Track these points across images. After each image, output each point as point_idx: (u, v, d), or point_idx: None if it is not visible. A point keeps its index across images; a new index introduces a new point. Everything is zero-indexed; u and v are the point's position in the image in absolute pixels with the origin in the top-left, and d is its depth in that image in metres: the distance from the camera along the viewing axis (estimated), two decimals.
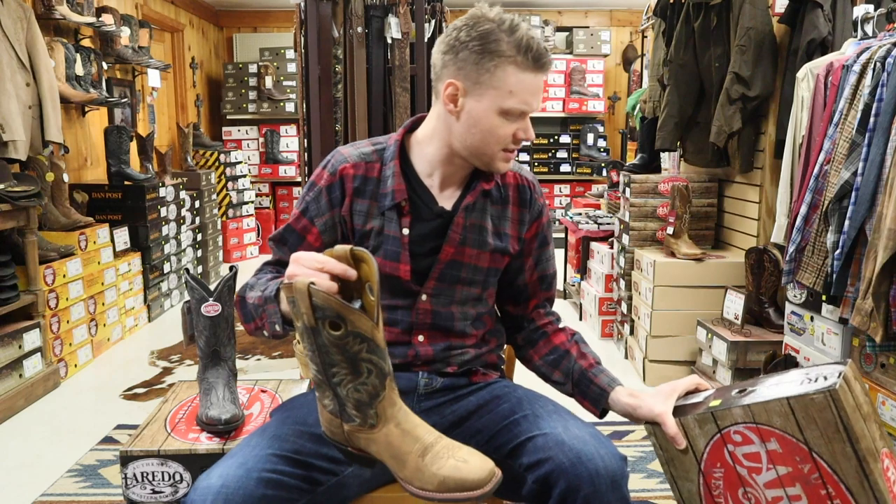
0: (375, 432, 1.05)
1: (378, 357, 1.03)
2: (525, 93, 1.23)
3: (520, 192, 1.40)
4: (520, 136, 1.26)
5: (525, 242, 1.42)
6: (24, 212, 3.00)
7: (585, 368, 1.37)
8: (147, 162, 4.51)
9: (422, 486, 1.05)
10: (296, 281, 0.99)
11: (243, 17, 6.90)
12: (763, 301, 2.92)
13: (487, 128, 1.25)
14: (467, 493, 1.04)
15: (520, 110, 1.24)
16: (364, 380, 1.03)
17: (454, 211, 1.33)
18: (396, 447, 1.05)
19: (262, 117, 6.47)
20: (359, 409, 1.04)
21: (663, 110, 3.41)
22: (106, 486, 2.29)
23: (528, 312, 1.47)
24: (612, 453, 1.17)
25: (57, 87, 3.47)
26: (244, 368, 3.42)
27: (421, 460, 1.05)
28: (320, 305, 0.98)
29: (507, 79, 1.22)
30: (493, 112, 1.24)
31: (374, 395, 1.04)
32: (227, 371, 1.64)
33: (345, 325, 0.99)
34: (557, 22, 6.89)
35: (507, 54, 1.21)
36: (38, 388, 3.05)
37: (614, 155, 6.83)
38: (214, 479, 1.10)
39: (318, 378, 1.05)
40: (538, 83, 1.25)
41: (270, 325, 1.20)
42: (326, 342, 1.01)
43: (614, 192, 4.35)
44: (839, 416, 1.06)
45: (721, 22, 3.05)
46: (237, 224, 6.02)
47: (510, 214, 1.39)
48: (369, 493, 1.29)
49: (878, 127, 2.01)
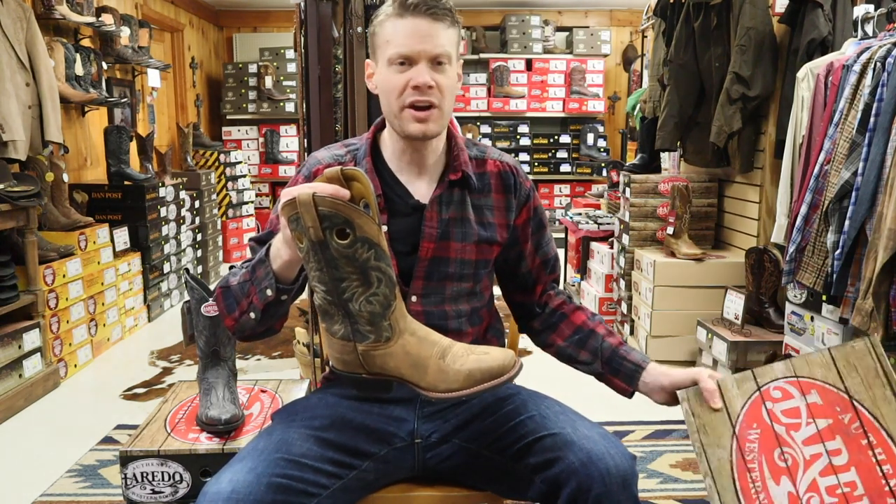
0: (392, 345, 1.05)
1: (385, 265, 1.03)
2: (400, 36, 1.23)
3: (502, 179, 1.38)
4: (412, 82, 1.23)
5: (518, 229, 1.39)
6: (24, 212, 3.00)
7: (616, 346, 1.35)
8: (147, 162, 4.51)
9: (448, 388, 1.05)
10: (299, 194, 0.98)
11: (243, 17, 6.90)
12: (763, 301, 2.92)
13: (384, 86, 1.27)
14: (495, 380, 1.05)
15: (398, 53, 1.23)
16: (375, 290, 1.02)
17: (427, 206, 1.32)
18: (415, 355, 1.05)
19: (262, 117, 6.47)
20: (372, 324, 1.03)
21: (663, 110, 3.41)
22: (106, 486, 2.29)
23: (538, 298, 1.44)
24: (622, 452, 1.18)
25: (57, 87, 3.47)
26: (244, 368, 3.42)
27: (442, 362, 1.06)
28: (327, 213, 0.97)
29: (384, 33, 1.25)
30: (384, 70, 1.26)
31: (387, 306, 1.04)
32: (227, 371, 1.64)
33: (352, 230, 0.99)
34: (557, 22, 6.89)
35: (383, 13, 1.26)
36: (38, 388, 3.05)
37: (614, 155, 6.83)
38: (224, 485, 1.09)
39: (327, 301, 1.04)
40: (414, 26, 1.23)
41: (261, 293, 1.18)
42: (335, 254, 1.00)
43: (614, 192, 4.35)
44: (879, 361, 1.10)
45: (721, 22, 3.05)
46: (237, 224, 6.02)
47: (493, 202, 1.36)
48: (371, 494, 1.29)
49: (878, 127, 2.01)
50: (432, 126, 1.26)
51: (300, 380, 1.89)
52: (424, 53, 1.23)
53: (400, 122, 1.26)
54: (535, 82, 6.60)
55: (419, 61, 1.23)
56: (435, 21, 1.23)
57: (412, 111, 1.24)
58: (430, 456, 1.32)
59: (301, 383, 1.84)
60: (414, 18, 1.22)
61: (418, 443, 1.31)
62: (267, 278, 1.17)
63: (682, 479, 2.33)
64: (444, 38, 1.24)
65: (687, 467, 2.42)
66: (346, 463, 1.21)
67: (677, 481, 2.32)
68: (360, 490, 1.25)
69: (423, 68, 1.23)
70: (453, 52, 1.27)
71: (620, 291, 3.67)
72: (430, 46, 1.23)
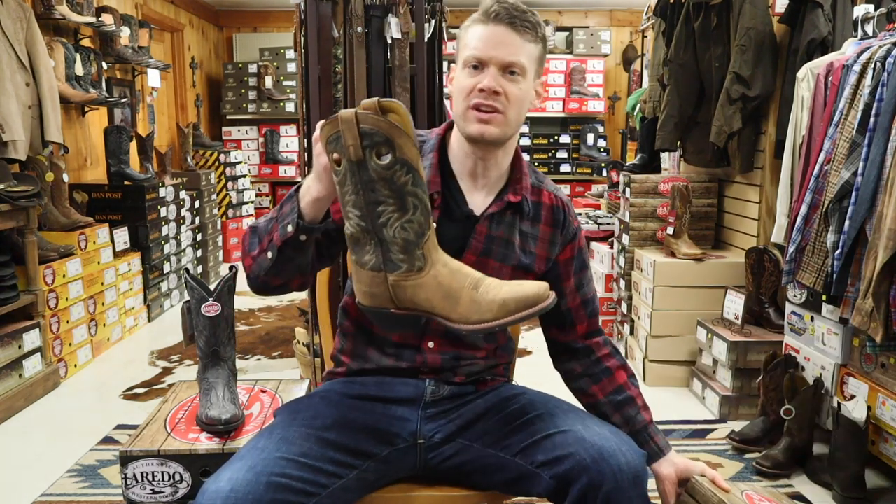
0: (424, 276, 1.04)
1: (422, 191, 1.02)
2: (476, 40, 1.26)
3: (553, 213, 1.39)
4: (479, 85, 1.25)
5: (560, 265, 1.40)
6: (24, 212, 3.00)
7: (647, 423, 1.38)
8: (147, 162, 4.51)
9: (480, 318, 1.03)
10: (341, 112, 0.98)
11: (243, 17, 6.90)
12: (763, 301, 2.92)
13: (456, 87, 1.30)
14: (529, 309, 1.03)
15: (472, 56, 1.26)
16: (411, 216, 1.01)
17: (479, 218, 1.33)
18: (447, 286, 1.04)
19: (262, 117, 6.47)
20: (406, 252, 1.02)
21: (663, 110, 3.41)
22: (106, 486, 2.29)
23: (579, 338, 1.44)
24: (634, 450, 1.19)
25: (57, 87, 3.47)
26: (244, 368, 3.42)
27: (475, 292, 1.04)
28: (368, 130, 0.97)
29: (466, 37, 1.29)
30: (459, 72, 1.29)
31: (421, 234, 1.03)
32: (227, 371, 1.64)
33: (392, 151, 0.98)
34: (557, 22, 6.89)
35: (472, 19, 1.29)
36: (38, 388, 3.05)
37: (614, 155, 6.83)
38: (223, 483, 1.09)
39: (360, 227, 1.04)
40: (492, 32, 1.25)
41: (282, 228, 1.18)
42: (374, 175, 0.99)
43: (614, 192, 4.34)
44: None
45: (721, 22, 3.05)
46: (237, 224, 6.02)
47: (540, 233, 1.37)
48: (371, 494, 1.29)
49: (878, 127, 2.01)
50: (492, 129, 1.26)
51: (300, 380, 1.89)
52: (496, 59, 1.24)
53: (464, 121, 1.28)
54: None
55: (490, 66, 1.25)
56: (514, 31, 1.25)
57: (475, 112, 1.26)
58: (432, 456, 1.32)
59: (301, 383, 1.84)
60: (495, 26, 1.25)
61: (421, 443, 1.31)
62: (291, 213, 1.17)
63: None
64: (520, 49, 1.26)
65: None
66: (347, 463, 1.21)
67: None
68: (360, 490, 1.25)
69: (493, 73, 1.25)
70: (529, 66, 1.27)
71: (620, 291, 3.67)
72: (503, 54, 1.24)
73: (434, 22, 2.69)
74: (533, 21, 1.27)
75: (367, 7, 2.57)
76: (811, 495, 2.24)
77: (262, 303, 4.65)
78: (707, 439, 2.64)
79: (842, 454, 2.16)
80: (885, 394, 2.13)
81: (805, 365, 2.51)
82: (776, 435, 2.51)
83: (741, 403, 2.81)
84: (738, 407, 2.81)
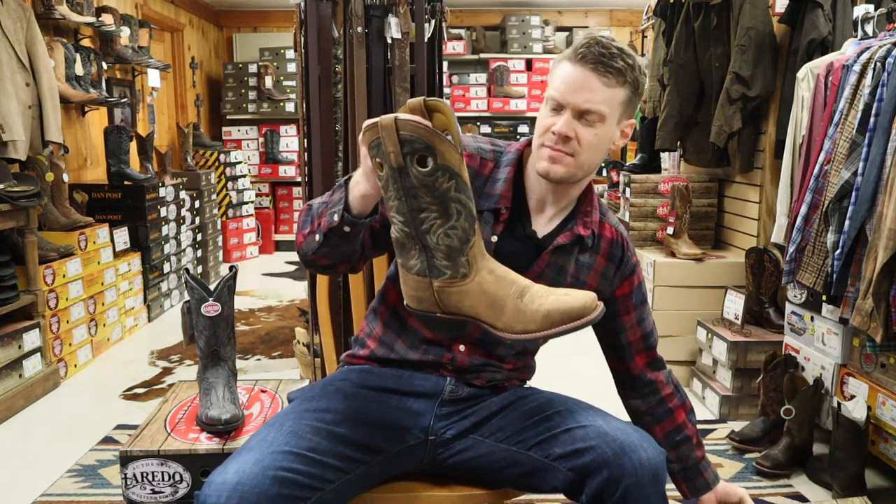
0: (468, 282, 1.02)
1: (466, 197, 1.00)
2: (558, 81, 1.25)
3: (612, 246, 1.40)
4: (553, 128, 1.25)
5: (619, 301, 1.42)
6: (24, 212, 3.00)
7: (699, 460, 1.46)
8: (147, 162, 4.51)
9: (524, 328, 1.02)
10: (381, 118, 0.97)
11: (243, 17, 6.90)
12: (763, 301, 2.92)
13: (538, 121, 1.30)
14: (575, 322, 1.01)
15: (552, 97, 1.26)
16: (454, 223, 1.00)
17: (544, 245, 1.33)
18: (492, 293, 1.02)
19: (262, 117, 6.46)
20: (450, 258, 1.01)
21: (663, 110, 3.41)
22: (106, 486, 2.29)
23: (640, 370, 1.47)
24: (655, 447, 1.20)
25: (57, 87, 3.47)
26: (244, 368, 3.42)
27: (520, 301, 1.02)
28: (408, 137, 0.95)
29: (555, 72, 1.28)
30: (543, 106, 1.29)
31: (465, 241, 1.01)
32: (226, 371, 1.64)
33: (434, 157, 0.96)
34: (557, 22, 6.89)
35: (566, 53, 1.27)
36: (38, 388, 3.05)
37: (614, 155, 6.82)
38: (230, 475, 1.09)
39: (404, 233, 1.03)
40: (576, 75, 1.23)
41: (329, 216, 1.18)
42: (415, 181, 0.97)
43: (614, 192, 4.34)
44: None
45: (721, 22, 3.05)
46: (237, 224, 6.02)
47: (596, 265, 1.38)
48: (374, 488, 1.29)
49: (878, 127, 2.01)
50: (559, 169, 1.27)
51: (300, 380, 1.89)
52: (573, 105, 1.24)
53: (536, 155, 1.29)
54: (535, 82, 6.60)
55: (567, 110, 1.24)
56: (597, 76, 1.23)
57: (546, 149, 1.26)
58: (442, 451, 1.32)
59: (301, 383, 1.84)
60: (582, 68, 1.23)
61: (432, 439, 1.31)
62: (339, 203, 1.17)
63: None
64: (600, 95, 1.24)
65: None
66: (356, 458, 1.22)
67: None
68: (363, 484, 1.26)
69: (569, 118, 1.24)
70: (609, 112, 1.26)
71: None
72: (580, 100, 1.23)
73: (434, 22, 2.69)
74: (621, 66, 1.24)
75: (367, 7, 2.57)
76: (811, 495, 2.24)
77: (262, 303, 4.65)
78: (707, 439, 2.64)
79: (842, 454, 2.16)
80: (885, 394, 2.13)
81: (805, 365, 2.51)
82: (776, 435, 2.51)
83: (741, 403, 2.81)
84: (738, 407, 2.81)
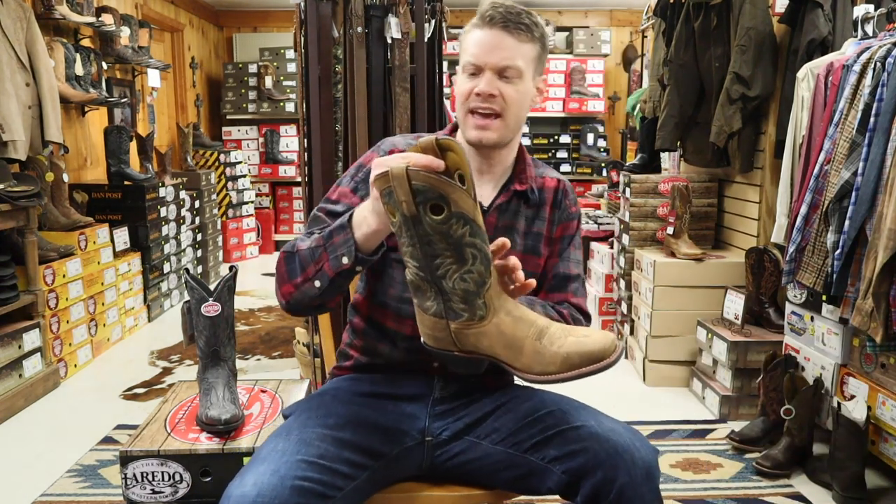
0: (486, 324, 1.02)
1: (481, 241, 1.00)
2: (473, 46, 1.29)
3: (556, 195, 1.43)
4: (476, 89, 1.28)
5: (552, 242, 1.43)
6: (24, 212, 3.00)
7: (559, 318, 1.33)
8: (147, 162, 4.51)
9: (543, 370, 1.01)
10: (392, 167, 0.95)
11: (243, 17, 6.90)
12: (763, 301, 2.92)
13: (457, 91, 1.33)
14: (594, 365, 1.01)
15: (468, 62, 1.29)
16: (470, 267, 1.00)
17: (487, 210, 1.36)
18: (510, 335, 1.02)
19: (262, 117, 6.47)
20: (466, 302, 1.01)
21: (663, 110, 3.41)
22: (106, 486, 2.29)
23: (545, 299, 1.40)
24: (647, 446, 1.21)
25: (57, 87, 3.47)
26: (244, 368, 3.42)
27: (538, 343, 1.02)
28: (420, 187, 0.94)
29: (465, 41, 1.32)
30: (460, 76, 1.33)
31: (481, 284, 1.01)
32: (227, 371, 1.64)
33: (447, 206, 0.96)
34: (557, 22, 6.89)
35: (471, 23, 1.32)
36: (38, 388, 3.05)
37: (614, 155, 6.83)
38: (249, 488, 1.09)
39: (419, 276, 1.02)
40: (488, 37, 1.28)
41: (334, 259, 1.16)
42: (429, 229, 0.97)
43: (614, 192, 4.35)
44: None
45: (721, 22, 3.05)
46: (237, 224, 6.02)
47: (546, 215, 1.41)
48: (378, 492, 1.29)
49: (878, 127, 2.01)
50: (490, 134, 1.30)
51: (300, 380, 1.89)
52: (492, 64, 1.28)
53: (464, 126, 1.33)
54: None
55: (486, 71, 1.28)
56: (509, 34, 1.27)
57: (473, 117, 1.29)
58: (439, 453, 1.32)
59: (301, 383, 1.84)
60: (491, 30, 1.28)
61: (429, 440, 1.32)
62: (345, 245, 1.15)
63: (682, 479, 2.34)
64: (515, 52, 1.28)
65: (687, 467, 2.42)
66: (361, 463, 1.22)
67: (677, 481, 2.32)
68: (369, 490, 1.26)
69: (489, 77, 1.28)
70: (525, 67, 1.30)
71: (620, 291, 3.67)
72: (497, 58, 1.27)
73: (434, 22, 2.69)
74: (528, 22, 1.29)
75: (367, 7, 2.57)
76: (811, 495, 2.24)
77: (262, 303, 4.65)
78: (707, 439, 2.64)
79: (842, 454, 2.16)
80: (885, 394, 2.13)
81: (805, 365, 2.52)
82: (776, 435, 2.51)
83: (741, 403, 2.81)
84: (738, 407, 2.81)
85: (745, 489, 2.28)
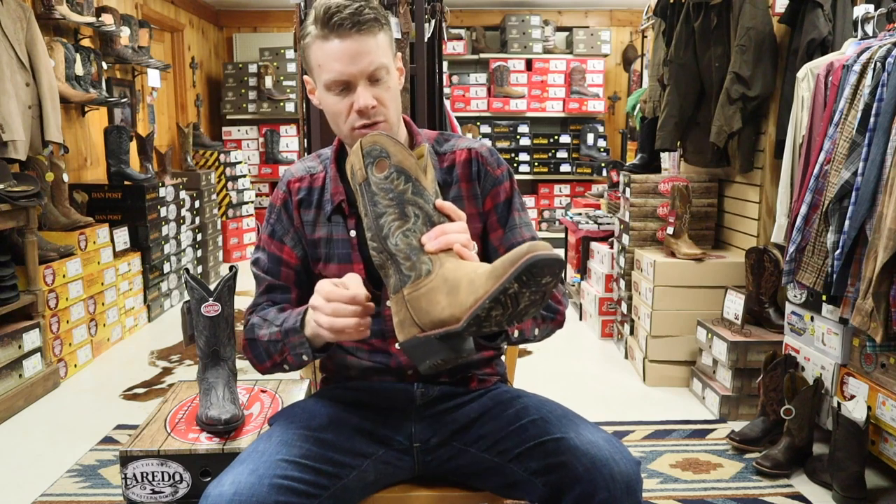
0: (433, 277, 1.00)
1: (424, 201, 1.04)
2: (329, 61, 1.18)
3: (469, 167, 1.32)
4: (355, 106, 1.19)
5: (486, 216, 1.33)
6: (24, 212, 3.00)
7: None
8: (147, 162, 4.51)
9: (476, 298, 0.94)
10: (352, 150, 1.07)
11: (243, 17, 6.90)
12: (763, 301, 2.92)
13: (329, 110, 1.24)
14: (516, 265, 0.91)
15: (333, 80, 1.19)
16: (412, 225, 1.02)
17: None
18: (453, 279, 0.98)
19: (262, 117, 6.47)
20: (410, 258, 1.01)
21: (663, 110, 3.41)
22: (106, 486, 2.29)
23: None
24: (627, 458, 1.15)
25: (57, 87, 3.47)
26: (244, 368, 3.42)
27: (475, 273, 0.97)
28: (368, 148, 1.04)
29: (315, 56, 1.21)
30: (324, 93, 1.23)
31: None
32: (227, 371, 1.64)
33: (388, 160, 1.03)
34: (557, 22, 6.89)
35: (309, 33, 1.21)
36: (38, 388, 3.05)
37: (614, 155, 6.83)
38: (226, 487, 1.09)
39: (376, 251, 1.06)
40: (342, 48, 1.17)
41: (296, 356, 1.23)
42: (375, 189, 1.03)
43: (614, 192, 4.34)
44: None
45: (721, 22, 3.05)
46: (237, 224, 6.02)
47: (462, 193, 1.31)
48: (372, 495, 1.29)
49: (878, 127, 2.01)
50: None
51: (300, 380, 1.89)
52: (360, 74, 1.18)
53: (352, 141, 1.23)
54: (535, 82, 6.60)
55: (357, 83, 1.19)
56: (363, 35, 1.17)
57: (361, 132, 1.21)
58: (430, 459, 1.31)
59: (301, 383, 1.84)
60: (340, 39, 1.17)
61: (417, 446, 1.31)
62: (302, 346, 1.22)
63: (682, 479, 2.34)
64: (375, 51, 1.18)
65: (687, 467, 2.42)
66: (347, 463, 1.21)
67: (677, 481, 2.32)
68: (361, 490, 1.25)
69: (363, 90, 1.19)
70: (388, 60, 1.22)
71: (620, 291, 3.67)
72: (363, 65, 1.18)
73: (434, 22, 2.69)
74: (371, 16, 1.18)
75: None
76: (811, 495, 2.24)
77: None
78: (707, 439, 2.64)
79: (842, 454, 2.16)
80: (885, 394, 2.13)
81: (805, 365, 2.52)
82: (776, 435, 2.51)
83: (741, 403, 2.81)
84: (738, 407, 2.81)
85: (745, 489, 2.28)
